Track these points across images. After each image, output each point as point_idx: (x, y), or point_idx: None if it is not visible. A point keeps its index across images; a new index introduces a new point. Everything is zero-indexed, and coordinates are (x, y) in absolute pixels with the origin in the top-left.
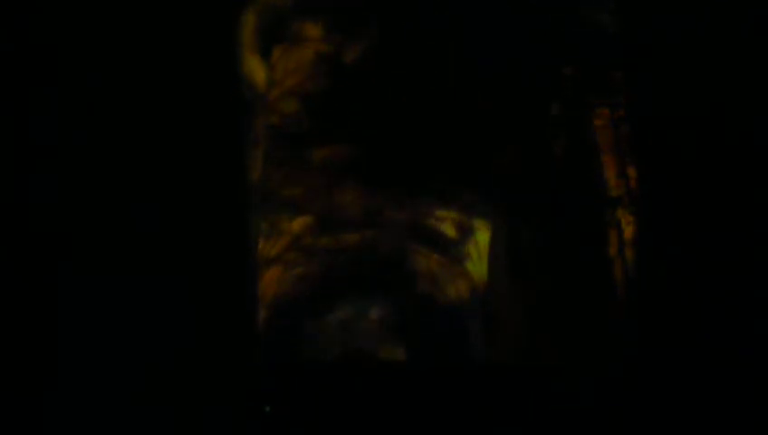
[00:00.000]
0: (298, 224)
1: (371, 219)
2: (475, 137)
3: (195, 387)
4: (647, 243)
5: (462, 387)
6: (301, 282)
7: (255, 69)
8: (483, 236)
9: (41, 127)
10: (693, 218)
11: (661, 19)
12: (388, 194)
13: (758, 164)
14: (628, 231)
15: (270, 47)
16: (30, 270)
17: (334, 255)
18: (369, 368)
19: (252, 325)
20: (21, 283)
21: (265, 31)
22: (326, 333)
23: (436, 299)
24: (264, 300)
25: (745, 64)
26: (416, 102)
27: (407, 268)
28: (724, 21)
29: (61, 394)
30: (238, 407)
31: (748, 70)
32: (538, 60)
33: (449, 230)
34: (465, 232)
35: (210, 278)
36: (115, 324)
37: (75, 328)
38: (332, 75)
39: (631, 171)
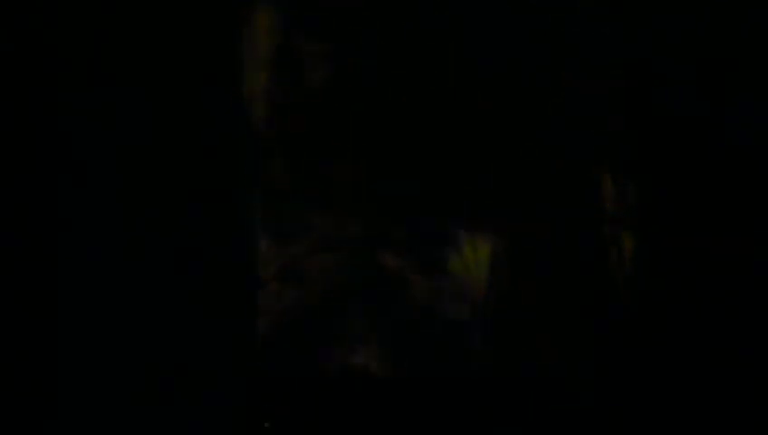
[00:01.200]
0: (300, 233)
1: (372, 228)
2: (475, 137)
3: (195, 391)
4: (647, 245)
5: (462, 389)
6: (302, 293)
7: (256, 70)
8: (483, 238)
9: (40, 127)
10: (693, 222)
11: (661, 19)
12: (388, 199)
13: (759, 167)
14: (629, 236)
15: (272, 46)
16: (30, 269)
17: (335, 266)
18: (369, 379)
19: (253, 335)
20: (20, 282)
21: (268, 31)
22: (327, 345)
23: (436, 305)
24: (266, 309)
25: (745, 64)
26: (416, 103)
27: (406, 273)
28: (724, 21)
29: (59, 394)
30: (238, 418)
31: (748, 70)
32: (538, 60)
33: (449, 231)
34: (465, 234)
35: (211, 282)
36: (115, 325)
37: (75, 328)
38: (333, 75)
39: (632, 171)
